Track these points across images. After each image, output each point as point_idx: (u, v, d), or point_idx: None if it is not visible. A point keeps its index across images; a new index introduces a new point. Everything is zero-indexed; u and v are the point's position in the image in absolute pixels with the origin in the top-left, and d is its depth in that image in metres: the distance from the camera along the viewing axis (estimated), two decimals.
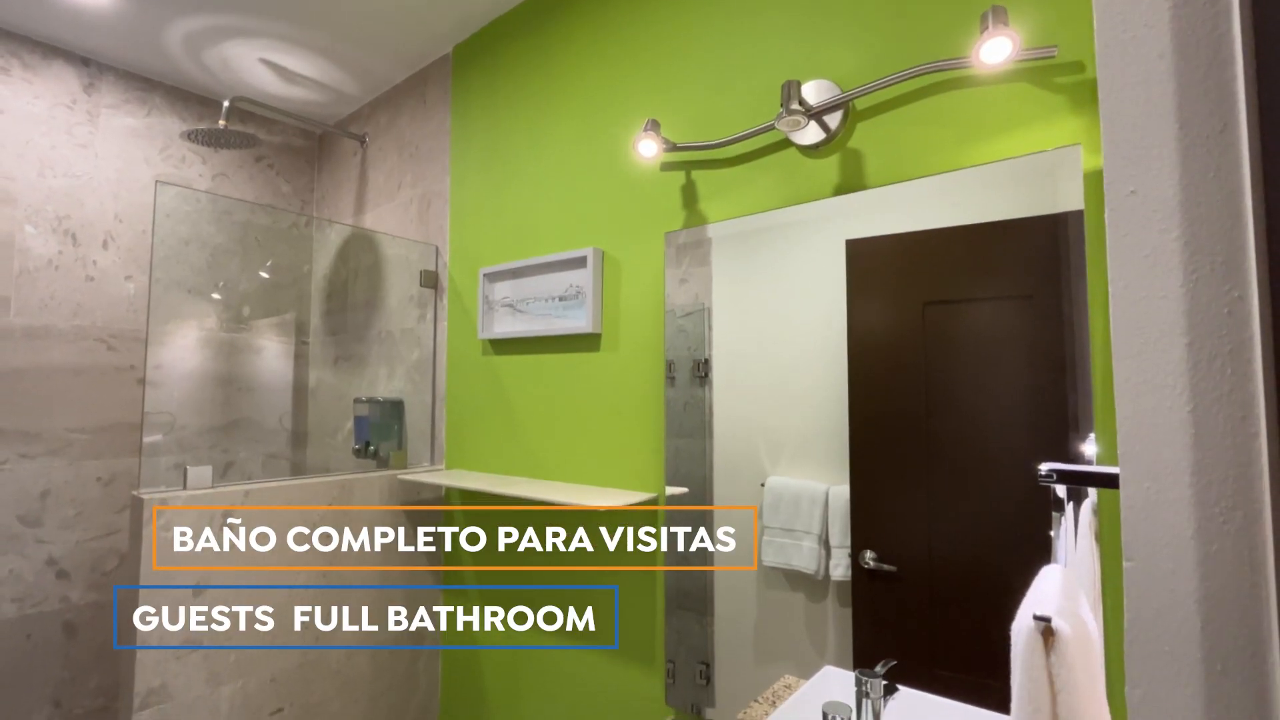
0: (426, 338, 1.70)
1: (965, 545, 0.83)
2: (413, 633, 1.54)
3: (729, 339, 1.07)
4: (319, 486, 1.37)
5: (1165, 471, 0.27)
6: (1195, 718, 0.26)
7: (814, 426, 0.97)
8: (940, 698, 0.84)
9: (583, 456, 1.29)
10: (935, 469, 0.86)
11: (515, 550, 1.41)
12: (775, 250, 1.01)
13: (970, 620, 0.84)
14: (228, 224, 2.01)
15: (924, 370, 0.89)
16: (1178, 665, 0.27)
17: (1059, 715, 0.44)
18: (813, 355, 0.97)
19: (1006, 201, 0.80)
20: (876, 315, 0.92)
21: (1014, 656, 0.46)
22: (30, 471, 1.63)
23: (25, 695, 1.60)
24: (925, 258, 0.88)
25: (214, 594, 1.21)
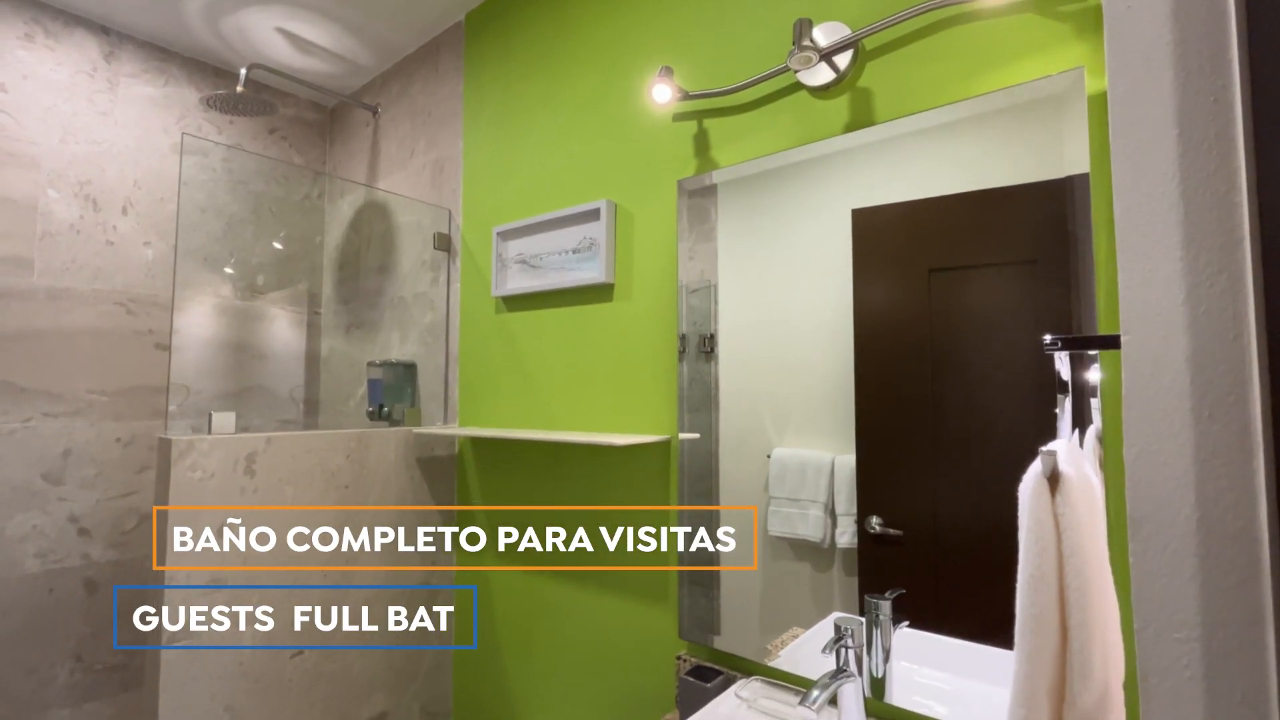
0: (439, 300, 1.73)
1: (970, 507, 0.85)
2: (426, 585, 1.57)
3: (735, 314, 1.09)
4: (337, 438, 1.41)
5: (1158, 249, 0.30)
6: (1185, 463, 0.29)
7: (819, 397, 0.99)
8: (945, 636, 0.86)
9: (596, 407, 1.32)
10: (940, 433, 0.88)
11: (528, 500, 1.44)
12: (782, 222, 1.03)
13: (975, 579, 0.85)
14: (243, 194, 2.04)
15: (929, 336, 0.90)
16: (1169, 418, 0.30)
17: (1063, 553, 0.47)
18: (818, 327, 0.99)
19: (1013, 164, 0.82)
20: (882, 283, 0.94)
21: (1021, 503, 0.49)
22: (53, 430, 1.66)
23: (49, 648, 1.64)
24: (931, 225, 0.90)
25: (237, 535, 1.24)
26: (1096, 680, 0.46)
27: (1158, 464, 0.30)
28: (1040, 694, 0.47)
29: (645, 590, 1.21)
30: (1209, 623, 0.29)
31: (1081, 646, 0.46)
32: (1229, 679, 0.28)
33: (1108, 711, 0.46)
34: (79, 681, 1.68)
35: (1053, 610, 0.47)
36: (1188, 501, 0.29)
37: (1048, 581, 0.47)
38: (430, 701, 1.57)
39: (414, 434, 1.55)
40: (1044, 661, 0.47)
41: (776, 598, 1.04)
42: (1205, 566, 0.29)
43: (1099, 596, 0.46)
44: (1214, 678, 0.28)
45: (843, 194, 0.97)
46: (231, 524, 1.23)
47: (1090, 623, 0.46)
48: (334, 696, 1.38)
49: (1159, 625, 0.30)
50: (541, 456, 1.42)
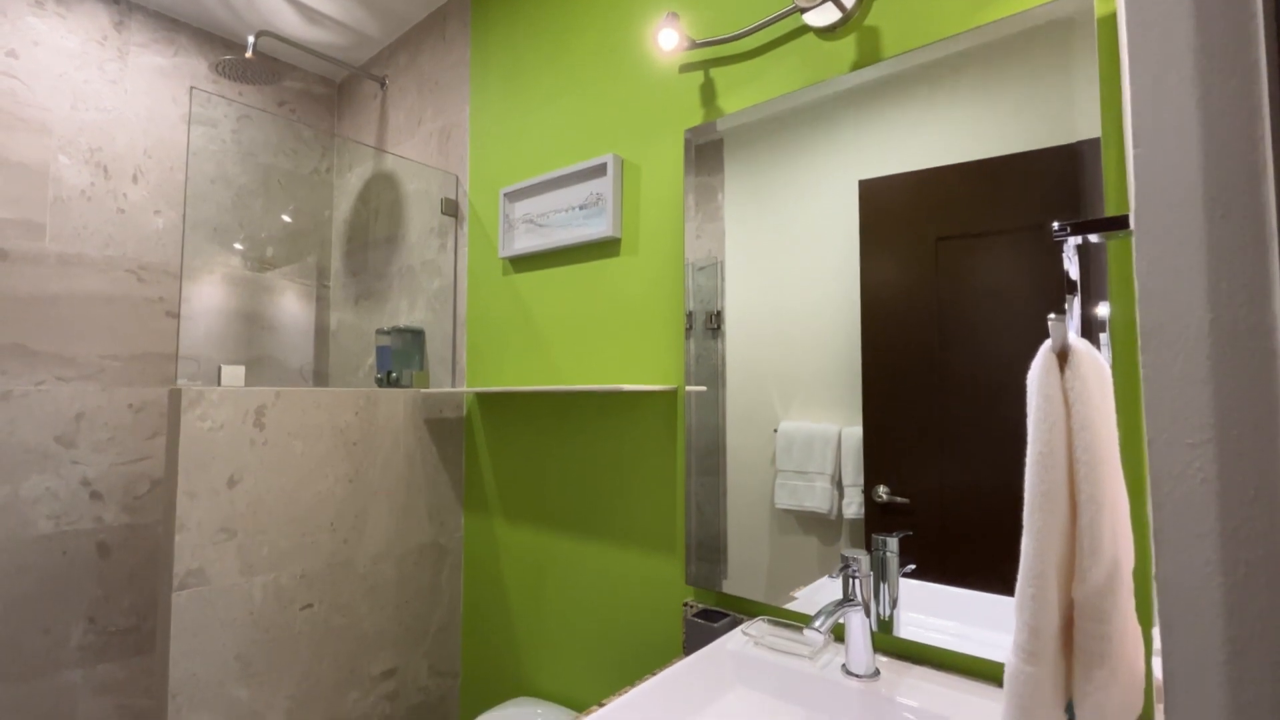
0: (447, 266, 1.74)
1: (977, 473, 0.85)
2: (434, 545, 1.58)
3: (742, 290, 1.10)
4: (346, 395, 1.41)
5: (1167, 51, 0.30)
6: (1198, 266, 0.29)
7: (826, 371, 0.99)
8: (953, 587, 0.86)
9: (603, 362, 1.32)
10: (948, 401, 0.88)
11: (536, 458, 1.45)
12: (789, 197, 1.03)
13: (983, 540, 0.85)
14: (252, 166, 2.05)
15: (936, 305, 0.90)
16: (1181, 223, 0.30)
17: (1072, 428, 0.46)
18: (825, 301, 0.99)
19: (1023, 130, 0.81)
20: (889, 254, 0.94)
21: (1030, 382, 0.49)
22: (66, 394, 1.68)
23: (63, 609, 1.66)
24: (939, 194, 0.90)
25: (247, 486, 1.25)
26: (1105, 556, 0.46)
27: (1169, 271, 0.30)
28: (1049, 572, 0.47)
29: (652, 540, 1.21)
30: (1222, 424, 0.28)
31: (1091, 521, 0.46)
32: (1241, 478, 0.28)
33: (1117, 587, 0.46)
34: (91, 643, 1.70)
35: (1062, 487, 0.47)
36: (1200, 304, 0.29)
37: (1057, 458, 0.47)
38: (439, 661, 1.58)
39: (422, 394, 1.56)
40: (1053, 539, 0.47)
41: (783, 571, 1.03)
42: (1218, 369, 0.29)
43: (1109, 472, 0.46)
44: (1226, 478, 0.28)
45: (850, 165, 0.97)
46: (241, 475, 1.24)
47: (1100, 497, 0.45)
48: (344, 651, 1.39)
49: (1171, 434, 0.30)
50: (548, 414, 1.43)
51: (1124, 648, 0.47)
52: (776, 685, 0.89)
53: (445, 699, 1.60)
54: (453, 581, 1.62)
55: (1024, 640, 0.49)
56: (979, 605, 0.84)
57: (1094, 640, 0.47)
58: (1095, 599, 0.47)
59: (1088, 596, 0.47)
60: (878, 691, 0.81)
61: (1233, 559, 0.28)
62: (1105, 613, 0.46)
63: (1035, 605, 0.48)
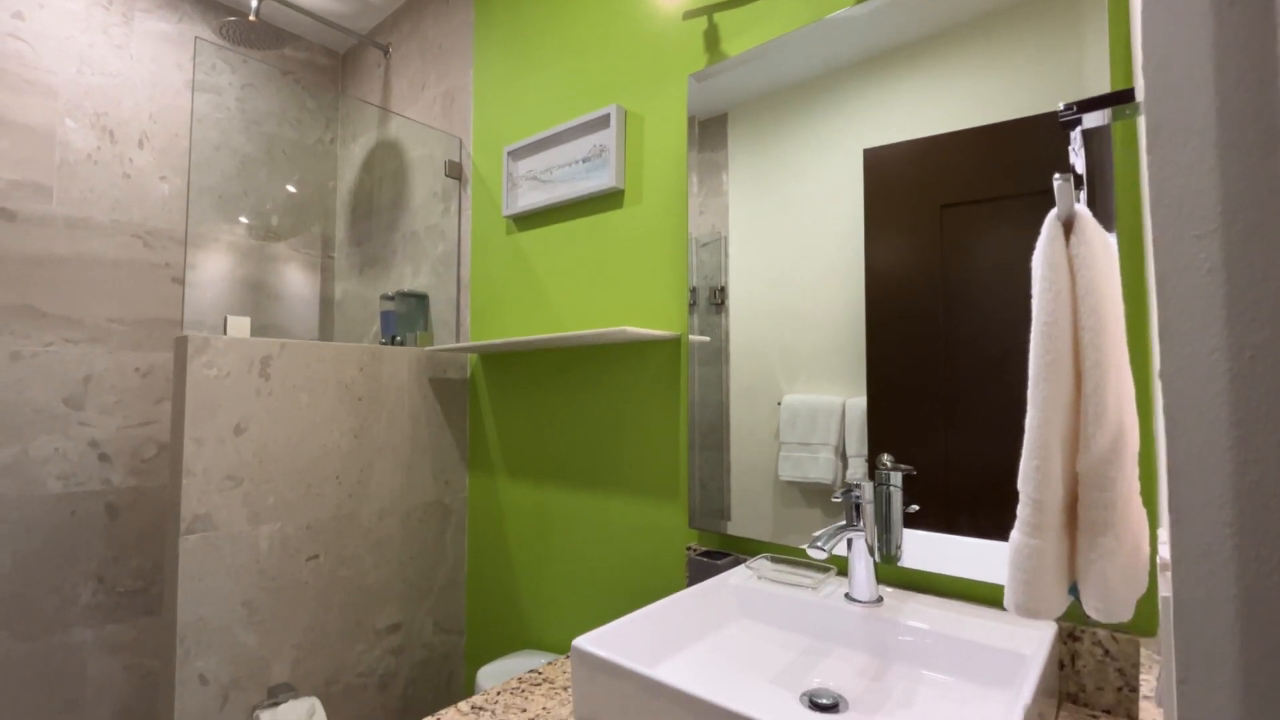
0: (450, 230, 1.74)
1: (982, 441, 0.84)
2: (439, 503, 1.59)
3: (745, 264, 1.09)
4: (350, 350, 1.42)
5: None
6: (1204, 54, 0.29)
7: (830, 343, 0.99)
8: (957, 535, 0.86)
9: (607, 314, 1.32)
10: (953, 369, 0.87)
11: (540, 414, 1.45)
12: (794, 168, 1.03)
13: (988, 511, 0.85)
14: (256, 135, 2.06)
15: (941, 273, 0.90)
16: (1188, 12, 0.29)
17: (1078, 294, 0.46)
18: (829, 273, 0.99)
19: (1031, 95, 0.81)
20: (893, 222, 0.93)
21: (1036, 254, 0.48)
22: (73, 356, 1.69)
23: (71, 568, 1.67)
24: (944, 160, 0.89)
25: (253, 435, 1.26)
26: (1110, 421, 0.46)
27: (1174, 63, 0.29)
28: (1053, 443, 0.47)
29: (655, 488, 1.22)
30: (1227, 212, 0.28)
31: (1096, 387, 0.46)
32: (1248, 263, 0.28)
33: (1121, 452, 0.46)
34: (101, 603, 1.71)
35: (1066, 356, 0.47)
36: (1206, 93, 0.29)
37: (1061, 327, 0.46)
38: (444, 618, 1.59)
39: (426, 353, 1.57)
40: (1057, 409, 0.47)
41: (785, 541, 1.03)
42: (1224, 156, 0.28)
43: (1114, 338, 0.46)
44: (1232, 265, 0.28)
45: (855, 135, 0.97)
46: (247, 424, 1.25)
47: (1105, 362, 0.45)
48: (349, 604, 1.40)
49: (1177, 228, 0.29)
50: (552, 371, 1.43)
51: (1128, 516, 0.47)
52: (779, 615, 0.89)
53: (450, 656, 1.61)
54: (457, 541, 1.63)
55: (1028, 514, 0.49)
56: (986, 552, 0.84)
57: (1098, 509, 0.47)
58: (1100, 467, 0.46)
59: (1092, 465, 0.47)
60: (880, 615, 0.81)
61: (1238, 344, 0.28)
62: (1110, 479, 0.46)
63: (1039, 477, 0.48)
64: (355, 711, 1.40)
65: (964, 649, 0.73)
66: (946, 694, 0.71)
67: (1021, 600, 0.49)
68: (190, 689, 1.16)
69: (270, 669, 1.27)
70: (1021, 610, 0.49)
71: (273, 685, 1.27)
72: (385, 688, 1.46)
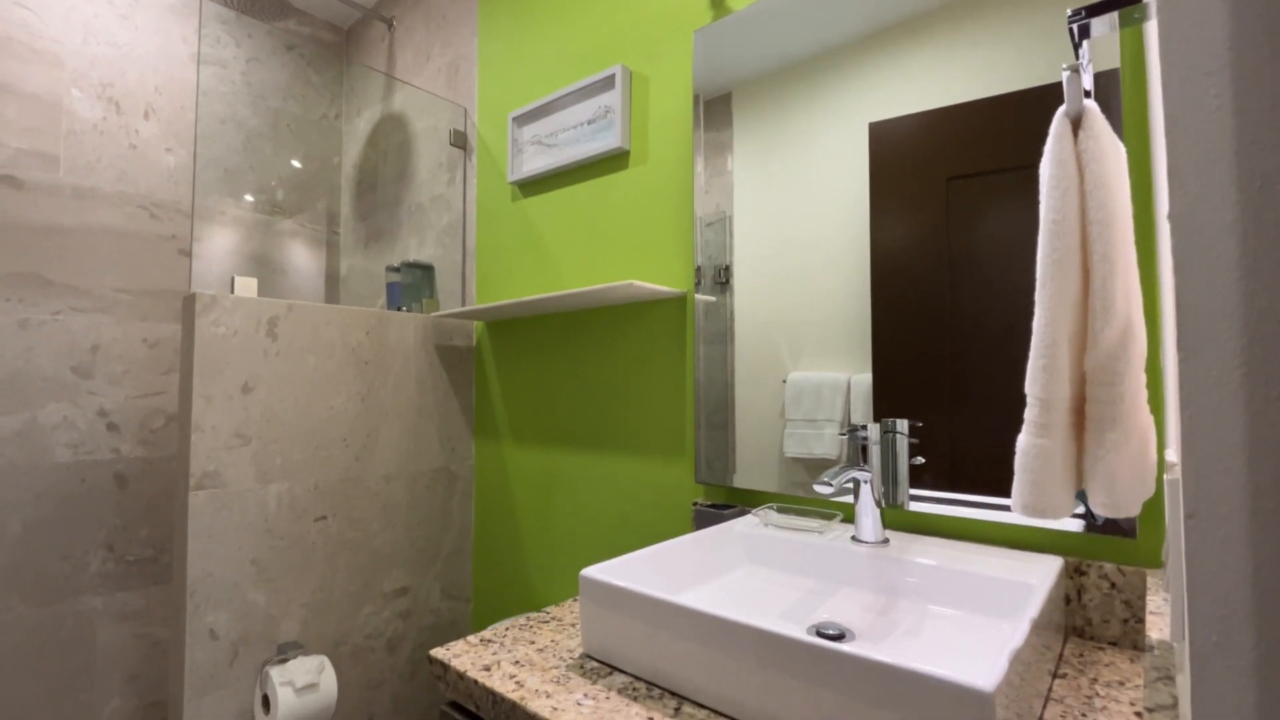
0: (456, 200, 1.74)
1: (988, 414, 0.84)
2: (445, 470, 1.59)
3: (750, 244, 1.09)
4: (357, 314, 1.43)
5: None
6: None
7: (835, 320, 0.99)
8: (962, 495, 0.86)
9: (613, 275, 1.32)
10: (958, 342, 0.87)
11: (545, 378, 1.46)
12: (799, 144, 1.03)
13: (993, 484, 0.85)
14: (262, 109, 2.06)
15: (947, 246, 0.89)
16: None
17: (1085, 190, 0.46)
18: (835, 249, 0.99)
19: (1038, 65, 0.80)
20: (899, 196, 0.93)
21: (1045, 153, 0.48)
22: (81, 325, 1.70)
23: (81, 536, 1.69)
24: (950, 132, 0.89)
25: (260, 395, 1.27)
26: (1118, 314, 0.46)
27: None
28: (1060, 342, 0.47)
29: (661, 445, 1.22)
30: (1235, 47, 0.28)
31: (1104, 280, 0.46)
32: (1257, 96, 0.28)
33: (1129, 346, 0.46)
34: (110, 571, 1.73)
35: (1074, 253, 0.47)
36: None
37: (1069, 224, 0.46)
38: (450, 585, 1.60)
39: (432, 319, 1.57)
40: (1064, 309, 0.47)
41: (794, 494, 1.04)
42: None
43: (1122, 232, 0.46)
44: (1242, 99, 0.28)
45: (860, 109, 0.96)
46: (254, 383, 1.26)
47: (1114, 255, 0.45)
48: (357, 565, 1.41)
49: (1187, 67, 0.29)
50: (557, 335, 1.43)
51: (1136, 413, 0.47)
52: (785, 559, 0.89)
53: (456, 622, 1.62)
54: (463, 508, 1.64)
55: (1035, 415, 0.49)
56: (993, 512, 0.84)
57: (1105, 405, 0.47)
58: (1108, 362, 0.47)
59: (1100, 361, 0.47)
60: (886, 555, 0.81)
61: (1248, 174, 0.28)
62: (1118, 374, 0.46)
63: (1046, 376, 0.48)
64: (363, 673, 1.41)
65: (970, 582, 0.73)
66: (953, 624, 0.71)
67: (1029, 500, 0.49)
68: (200, 643, 1.17)
69: (279, 627, 1.28)
70: (1029, 510, 0.49)
71: (282, 643, 1.28)
72: (393, 650, 1.47)
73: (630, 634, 0.67)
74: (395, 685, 1.47)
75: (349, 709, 1.38)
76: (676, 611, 0.62)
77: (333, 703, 1.25)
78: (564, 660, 0.71)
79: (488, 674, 0.67)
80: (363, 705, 1.41)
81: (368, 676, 1.42)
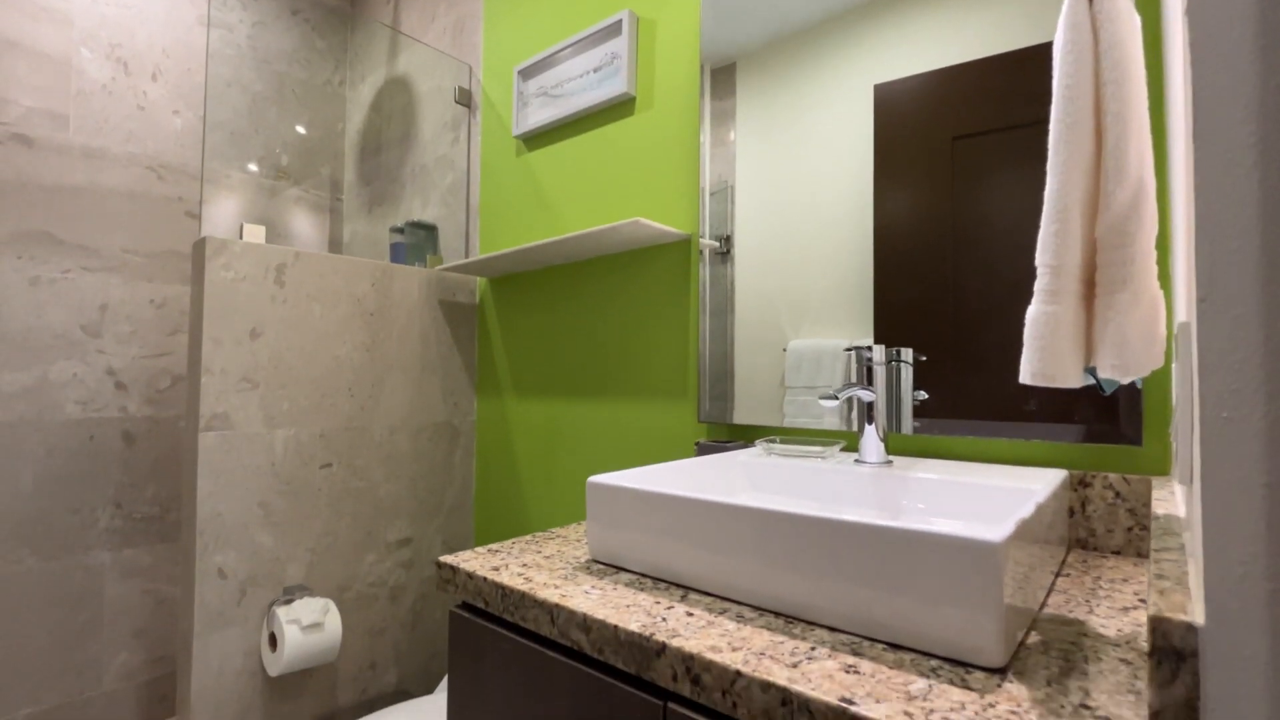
0: (460, 159, 1.74)
1: (993, 377, 0.84)
2: (448, 425, 1.60)
3: (752, 213, 1.09)
4: (362, 265, 1.43)
5: None
6: None
7: (837, 286, 0.99)
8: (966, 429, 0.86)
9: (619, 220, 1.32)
10: (961, 305, 0.87)
11: (549, 330, 1.46)
12: (803, 108, 1.03)
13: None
14: (267, 73, 2.07)
15: (951, 208, 0.89)
16: None
17: (1100, 52, 0.46)
18: (838, 215, 0.99)
19: (1045, 21, 0.80)
20: (903, 158, 0.93)
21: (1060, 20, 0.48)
22: (90, 284, 1.71)
23: (90, 491, 1.70)
24: (956, 92, 0.88)
25: (268, 340, 1.28)
26: (1131, 174, 0.46)
27: None
28: (1072, 206, 0.47)
29: (666, 389, 1.23)
30: None
31: (1118, 140, 0.46)
32: None
33: (1142, 205, 0.46)
34: (119, 527, 1.74)
35: (1087, 117, 0.47)
36: None
37: (1083, 88, 0.46)
38: (452, 538, 1.61)
39: (436, 274, 1.58)
40: (1076, 173, 0.47)
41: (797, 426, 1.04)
42: None
43: (1136, 91, 0.46)
44: None
45: (865, 71, 0.96)
46: (262, 328, 1.27)
47: (1127, 115, 0.45)
48: (361, 514, 1.42)
49: None
50: (562, 286, 1.44)
51: (1146, 275, 0.47)
52: (789, 484, 0.90)
53: None
54: (465, 463, 1.65)
55: (1045, 283, 0.49)
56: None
57: (1117, 267, 0.47)
58: (1119, 223, 0.47)
59: (1112, 224, 0.47)
60: (890, 474, 0.82)
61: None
62: (1129, 235, 0.46)
63: (1058, 241, 0.48)
64: (366, 620, 1.43)
65: (975, 493, 0.74)
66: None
67: (1038, 367, 0.49)
68: (209, 581, 1.18)
69: (286, 570, 1.29)
70: (1038, 376, 0.49)
71: (289, 585, 1.29)
72: (396, 600, 1.48)
73: (635, 533, 0.67)
74: (397, 634, 1.48)
75: (352, 654, 1.40)
76: (682, 503, 0.63)
77: (337, 643, 1.26)
78: (570, 564, 0.71)
79: (496, 573, 0.68)
80: (366, 651, 1.42)
81: (370, 623, 1.43)
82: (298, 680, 1.30)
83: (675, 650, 0.49)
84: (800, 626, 0.53)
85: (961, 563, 0.46)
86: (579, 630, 0.56)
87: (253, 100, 2.03)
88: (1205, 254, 0.30)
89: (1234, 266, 0.29)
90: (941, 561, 0.47)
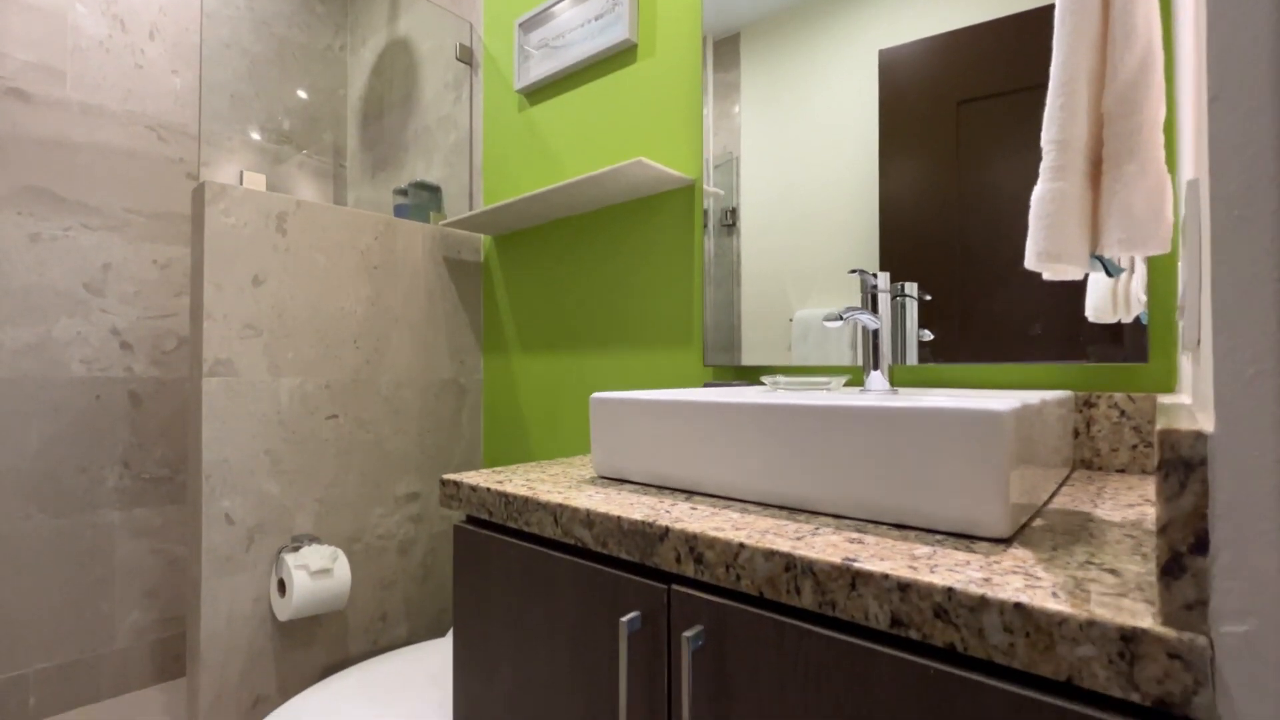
0: (462, 117, 1.73)
1: (999, 346, 0.83)
2: (455, 382, 1.61)
3: (758, 184, 1.08)
4: (365, 217, 1.43)
5: None
6: None
7: (844, 255, 0.98)
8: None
9: None
10: (970, 271, 0.86)
11: (553, 285, 1.46)
12: (808, 75, 1.01)
13: None
14: (266, 35, 2.05)
15: (956, 173, 0.88)
16: None
17: None
18: (844, 182, 0.97)
19: None
20: (908, 123, 0.91)
21: None
22: (92, 242, 1.71)
23: (98, 451, 1.71)
24: (961, 56, 0.87)
25: (271, 288, 1.28)
26: (1140, 38, 0.45)
27: None
28: (1079, 79, 0.47)
29: (672, 336, 1.22)
30: None
31: (1126, 3, 0.45)
32: None
33: (1149, 71, 0.45)
34: (127, 487, 1.76)
35: None
36: None
37: None
38: None
39: (440, 230, 1.57)
40: (1082, 45, 0.46)
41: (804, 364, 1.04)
42: None
43: None
44: None
45: (870, 36, 0.95)
46: (265, 276, 1.27)
47: None
48: (369, 467, 1.42)
49: None
50: (566, 239, 1.43)
51: (1153, 146, 0.46)
52: None
53: None
54: (473, 422, 1.65)
55: (1051, 160, 0.49)
56: None
57: (1123, 138, 0.46)
58: (1128, 90, 0.46)
59: (1119, 93, 0.46)
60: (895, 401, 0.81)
61: None
62: (1136, 103, 0.46)
63: (1064, 115, 0.47)
64: (376, 572, 1.44)
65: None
66: None
67: (1044, 246, 0.49)
68: (217, 526, 1.19)
69: (294, 518, 1.30)
70: (1044, 257, 0.49)
71: (297, 534, 1.30)
72: (405, 553, 1.49)
73: (639, 444, 0.67)
74: (407, 587, 1.49)
75: (362, 605, 1.41)
76: (684, 406, 0.63)
77: (346, 590, 1.28)
78: (574, 480, 0.72)
79: (500, 484, 0.68)
80: (375, 603, 1.44)
81: (380, 576, 1.44)
82: (308, 628, 1.32)
83: (679, 532, 0.49)
84: (804, 515, 0.53)
85: (969, 435, 0.46)
86: (582, 526, 0.56)
87: (252, 63, 2.01)
88: (1216, 52, 0.29)
89: (1245, 63, 0.28)
90: (948, 438, 0.47)
